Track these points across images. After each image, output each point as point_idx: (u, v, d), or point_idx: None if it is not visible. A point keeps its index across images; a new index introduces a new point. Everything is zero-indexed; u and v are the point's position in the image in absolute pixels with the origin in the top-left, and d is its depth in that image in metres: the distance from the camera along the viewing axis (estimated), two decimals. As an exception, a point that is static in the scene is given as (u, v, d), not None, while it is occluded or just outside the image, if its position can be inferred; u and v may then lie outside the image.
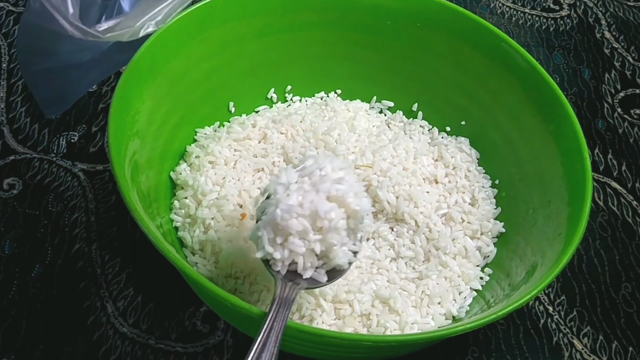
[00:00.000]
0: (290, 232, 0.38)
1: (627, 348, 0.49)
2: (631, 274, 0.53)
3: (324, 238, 0.38)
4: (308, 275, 0.39)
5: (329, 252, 0.39)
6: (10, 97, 0.59)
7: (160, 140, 0.48)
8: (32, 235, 0.50)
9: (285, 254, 0.38)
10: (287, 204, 0.38)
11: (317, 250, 0.39)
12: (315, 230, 0.38)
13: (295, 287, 0.38)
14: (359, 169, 0.50)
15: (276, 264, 0.39)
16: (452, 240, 0.49)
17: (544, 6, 0.76)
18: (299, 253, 0.38)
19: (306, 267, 0.39)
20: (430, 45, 0.55)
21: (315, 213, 0.38)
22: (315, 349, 0.42)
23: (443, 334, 0.40)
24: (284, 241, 0.38)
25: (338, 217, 0.38)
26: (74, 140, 0.56)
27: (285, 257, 0.38)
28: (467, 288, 0.47)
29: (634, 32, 0.73)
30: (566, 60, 0.70)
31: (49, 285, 0.47)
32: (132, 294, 0.47)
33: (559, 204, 0.45)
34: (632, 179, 0.60)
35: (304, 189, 0.39)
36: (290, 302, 0.37)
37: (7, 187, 0.52)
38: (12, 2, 0.66)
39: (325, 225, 0.38)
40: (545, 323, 0.50)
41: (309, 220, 0.38)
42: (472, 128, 0.55)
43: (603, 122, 0.64)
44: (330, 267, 0.40)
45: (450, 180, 0.53)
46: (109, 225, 0.51)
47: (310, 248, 0.38)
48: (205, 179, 0.49)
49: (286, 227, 0.38)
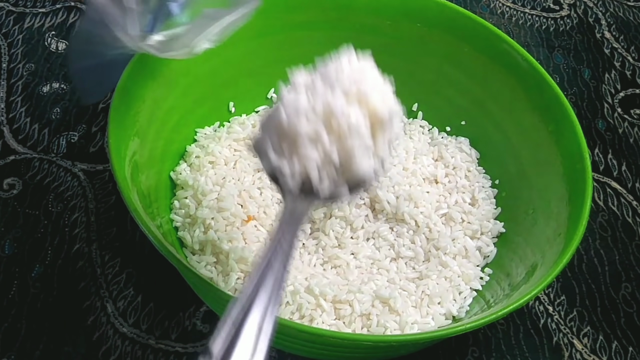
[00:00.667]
0: (300, 137, 0.31)
1: (627, 348, 0.49)
2: (631, 274, 0.53)
3: (342, 143, 0.31)
4: (326, 190, 0.31)
5: (350, 162, 0.31)
6: (10, 97, 0.59)
7: (160, 140, 0.48)
8: (32, 235, 0.50)
9: (296, 166, 0.31)
10: (294, 102, 0.31)
11: (335, 159, 0.31)
12: (331, 134, 0.31)
13: (310, 201, 0.31)
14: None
15: (286, 180, 0.31)
16: (452, 240, 0.49)
17: (544, 6, 0.76)
18: (312, 164, 0.31)
19: (322, 181, 0.31)
20: (430, 45, 0.55)
21: (330, 113, 0.31)
22: (315, 349, 0.42)
23: (443, 334, 0.40)
24: (293, 149, 0.31)
25: (359, 117, 0.31)
26: (74, 140, 0.56)
27: (296, 170, 0.31)
28: (467, 288, 0.47)
29: (634, 32, 0.73)
30: (566, 60, 0.70)
31: (49, 285, 0.47)
32: (132, 294, 0.47)
33: (559, 204, 0.45)
34: (632, 179, 0.60)
35: (316, 87, 0.32)
36: (301, 218, 0.30)
37: (7, 187, 0.52)
38: (12, 2, 0.66)
39: (343, 126, 0.31)
40: (545, 323, 0.50)
41: (323, 122, 0.31)
42: (472, 128, 0.55)
43: (603, 122, 0.64)
44: (353, 180, 0.32)
45: (450, 180, 0.53)
46: (109, 225, 0.51)
47: (327, 157, 0.31)
48: (205, 179, 0.49)
49: (294, 130, 0.31)
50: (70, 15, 0.66)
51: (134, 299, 0.47)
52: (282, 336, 0.41)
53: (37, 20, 0.65)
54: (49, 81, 0.60)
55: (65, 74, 0.61)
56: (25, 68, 0.61)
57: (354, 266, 0.47)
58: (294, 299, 0.43)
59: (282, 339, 0.42)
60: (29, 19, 0.65)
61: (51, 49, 0.63)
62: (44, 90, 0.59)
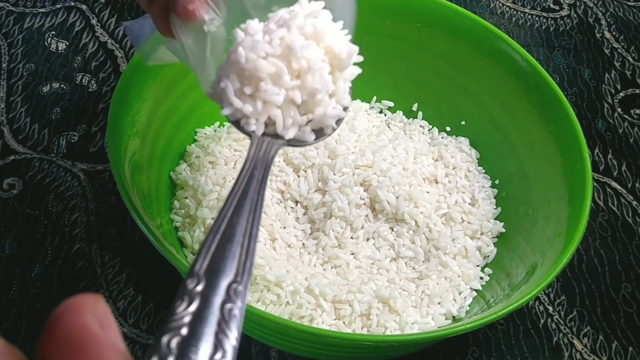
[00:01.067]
0: (261, 77, 0.30)
1: (627, 348, 0.49)
2: (631, 274, 0.53)
3: (303, 83, 0.30)
4: (291, 135, 0.32)
5: (313, 104, 0.31)
6: (10, 97, 0.59)
7: (160, 140, 0.48)
8: (32, 235, 0.50)
9: (259, 107, 0.31)
10: (250, 42, 0.30)
11: (298, 99, 0.31)
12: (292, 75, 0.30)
13: (275, 143, 0.31)
14: (359, 169, 0.50)
15: (249, 123, 0.31)
16: (452, 240, 0.49)
17: (544, 6, 0.76)
18: (275, 104, 0.31)
19: (287, 125, 0.31)
20: (430, 45, 0.55)
21: (289, 50, 0.30)
22: (315, 349, 0.42)
23: (443, 334, 0.40)
24: (254, 91, 0.31)
25: (318, 55, 0.31)
26: (74, 140, 0.56)
27: (260, 111, 0.31)
28: (467, 288, 0.47)
29: (634, 32, 0.73)
30: (566, 60, 0.70)
31: (49, 285, 0.47)
32: (132, 294, 0.47)
33: (559, 204, 0.45)
34: (632, 179, 0.60)
35: (271, 27, 0.31)
36: (269, 161, 0.30)
37: (7, 187, 0.52)
38: (12, 2, 0.66)
39: (304, 65, 0.30)
40: (545, 323, 0.50)
41: (282, 60, 0.30)
42: (472, 128, 0.55)
43: (603, 122, 0.64)
44: (316, 124, 0.32)
45: (450, 180, 0.53)
46: (109, 225, 0.51)
47: (289, 98, 0.31)
48: (205, 179, 0.49)
49: (254, 69, 0.30)
50: (70, 15, 0.66)
51: (134, 299, 0.47)
52: (282, 336, 0.41)
53: (37, 20, 0.65)
54: (49, 81, 0.60)
55: (65, 74, 0.61)
56: (25, 68, 0.61)
57: (354, 266, 0.47)
58: (294, 299, 0.43)
59: (282, 339, 0.42)
60: (29, 19, 0.65)
61: (51, 49, 0.63)
62: (44, 90, 0.59)
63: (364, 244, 0.48)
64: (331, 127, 0.33)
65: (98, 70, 0.61)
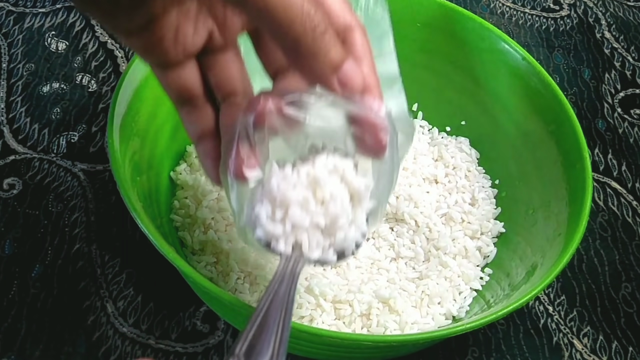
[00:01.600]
0: (290, 204, 0.34)
1: (627, 348, 0.49)
2: (631, 274, 0.53)
3: (327, 209, 0.34)
4: (316, 255, 0.35)
5: (335, 228, 0.34)
6: (10, 97, 0.59)
7: (160, 140, 0.48)
8: (32, 235, 0.50)
9: (288, 229, 0.34)
10: (282, 173, 0.34)
11: (322, 223, 0.34)
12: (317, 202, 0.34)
13: (301, 260, 0.34)
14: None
15: (278, 244, 0.34)
16: (452, 240, 0.49)
17: (544, 6, 0.76)
18: (302, 227, 0.34)
19: (312, 246, 0.34)
20: (430, 45, 0.55)
21: (315, 182, 0.34)
22: (315, 349, 0.42)
23: (443, 334, 0.40)
24: (284, 215, 0.34)
25: (339, 186, 0.34)
26: (74, 140, 0.56)
27: (288, 233, 0.34)
28: (467, 288, 0.47)
29: (634, 32, 0.73)
30: (566, 60, 0.70)
31: (49, 285, 0.47)
32: (132, 294, 0.47)
33: (559, 204, 0.45)
34: (632, 179, 0.60)
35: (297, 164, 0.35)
36: (296, 276, 0.33)
37: (7, 187, 0.52)
38: (12, 2, 0.66)
39: (326, 194, 0.34)
40: (545, 323, 0.50)
41: (309, 190, 0.34)
42: (472, 128, 0.55)
43: (603, 122, 0.64)
44: (338, 247, 0.35)
45: (450, 180, 0.53)
46: (109, 225, 0.51)
47: (314, 222, 0.34)
48: (205, 179, 0.49)
49: (284, 197, 0.34)
50: (70, 15, 0.66)
51: (134, 299, 0.47)
52: (282, 336, 0.41)
53: (37, 20, 0.65)
54: (49, 81, 0.60)
55: (65, 74, 0.61)
56: (25, 68, 0.61)
57: (354, 266, 0.47)
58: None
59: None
60: (29, 19, 0.65)
61: (51, 49, 0.63)
62: (44, 90, 0.59)
63: (364, 244, 0.48)
64: (351, 250, 0.36)
65: (98, 70, 0.61)
